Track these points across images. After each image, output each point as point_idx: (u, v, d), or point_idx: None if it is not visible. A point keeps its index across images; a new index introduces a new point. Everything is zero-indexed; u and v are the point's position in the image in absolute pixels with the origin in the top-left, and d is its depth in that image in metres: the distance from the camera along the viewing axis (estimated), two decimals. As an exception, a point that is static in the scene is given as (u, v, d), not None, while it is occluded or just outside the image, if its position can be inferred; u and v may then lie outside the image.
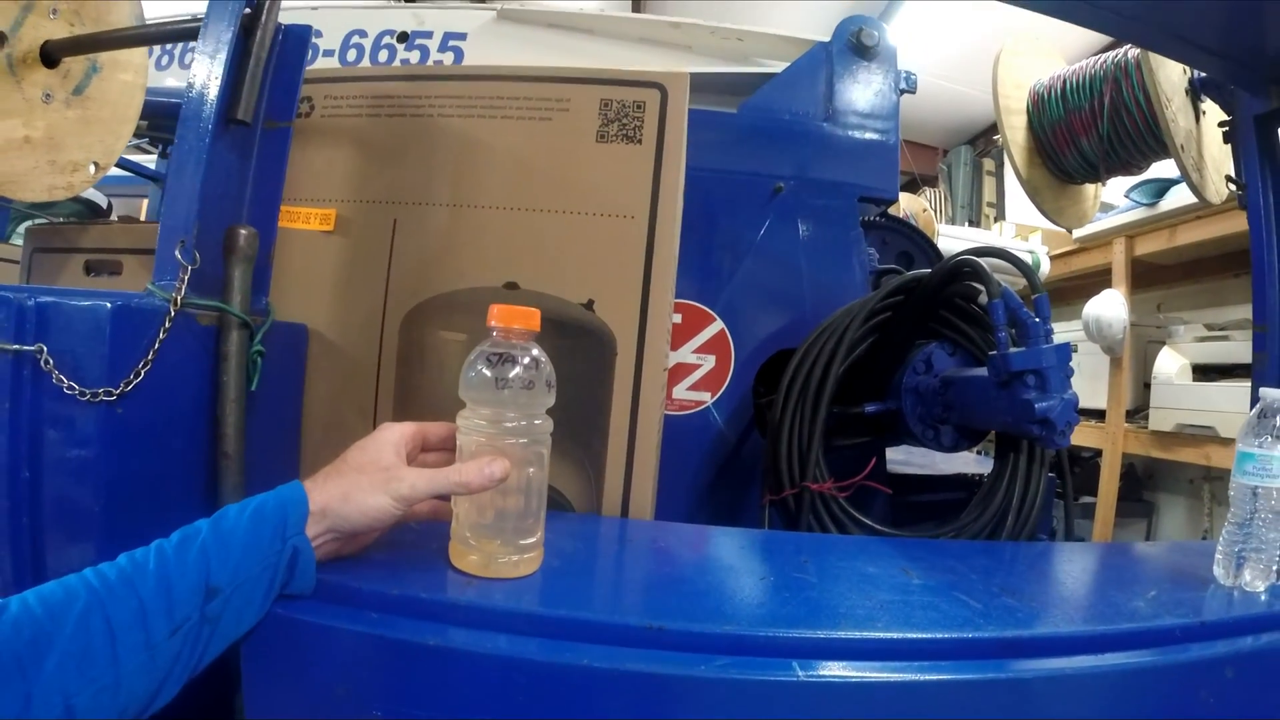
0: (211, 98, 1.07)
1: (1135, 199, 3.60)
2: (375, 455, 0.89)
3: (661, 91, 1.22)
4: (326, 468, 0.90)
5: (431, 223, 1.26)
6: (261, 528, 0.80)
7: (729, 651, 0.77)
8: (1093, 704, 0.85)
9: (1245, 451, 1.04)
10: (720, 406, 1.80)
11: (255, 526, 0.80)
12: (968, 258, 1.48)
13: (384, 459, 0.89)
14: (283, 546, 0.81)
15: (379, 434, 0.92)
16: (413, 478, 0.87)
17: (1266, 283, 1.92)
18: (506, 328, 0.86)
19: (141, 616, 0.72)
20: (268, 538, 0.80)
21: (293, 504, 0.83)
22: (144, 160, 2.74)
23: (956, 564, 1.09)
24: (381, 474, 0.87)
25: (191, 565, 0.76)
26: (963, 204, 7.44)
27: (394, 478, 0.86)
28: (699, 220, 1.78)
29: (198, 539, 0.78)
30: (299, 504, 0.83)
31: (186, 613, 0.75)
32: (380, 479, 0.86)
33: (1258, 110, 1.91)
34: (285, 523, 0.82)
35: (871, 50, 1.94)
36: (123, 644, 0.71)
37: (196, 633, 0.76)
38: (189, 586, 0.75)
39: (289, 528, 0.82)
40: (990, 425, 1.52)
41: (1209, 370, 3.33)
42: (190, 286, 1.02)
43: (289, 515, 0.82)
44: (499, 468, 0.86)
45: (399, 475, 0.87)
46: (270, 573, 0.80)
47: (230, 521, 0.80)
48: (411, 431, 0.93)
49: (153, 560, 0.76)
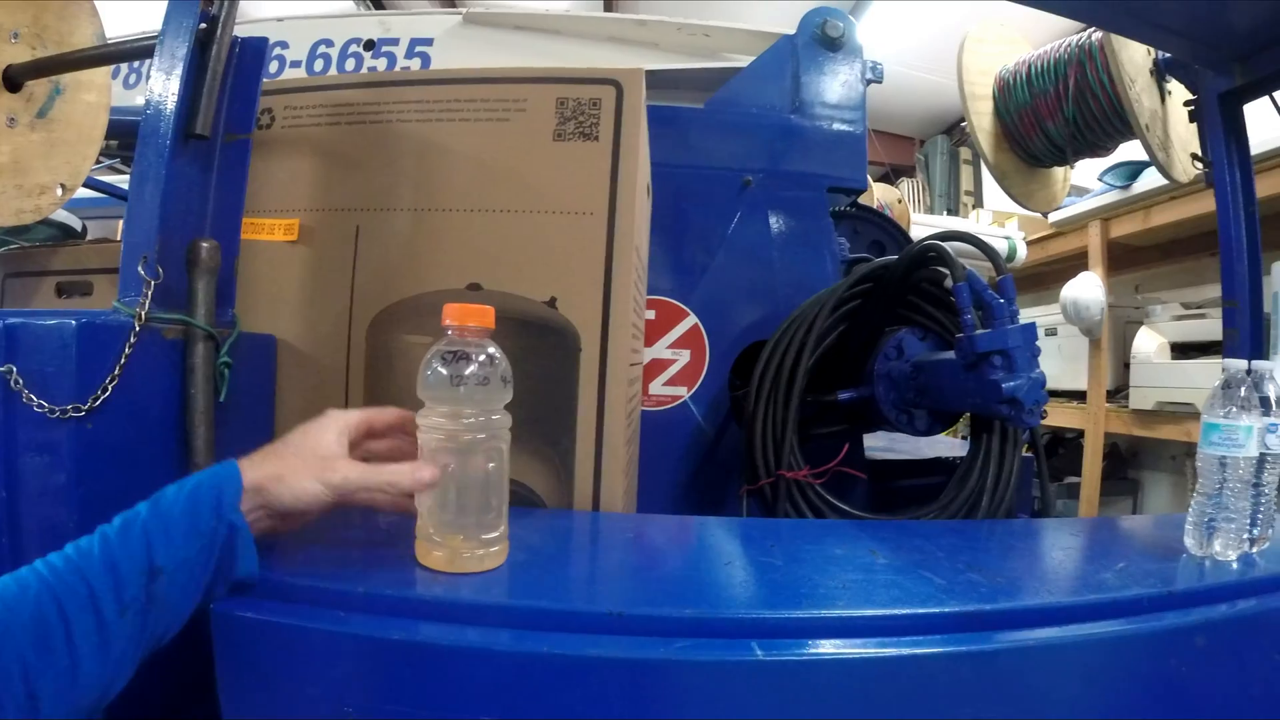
0: (169, 113, 1.07)
1: (1109, 182, 3.62)
2: (316, 441, 0.91)
3: (617, 88, 1.22)
4: (267, 447, 0.91)
5: (394, 228, 1.26)
6: (199, 506, 0.81)
7: (689, 634, 0.78)
8: (1059, 676, 0.85)
9: (1211, 423, 1.05)
10: (697, 400, 1.81)
11: (192, 505, 0.81)
12: (932, 243, 1.50)
13: (324, 445, 0.91)
14: (218, 523, 0.81)
15: (323, 420, 0.94)
16: (346, 470, 0.89)
17: (1235, 258, 1.94)
18: (461, 326, 0.86)
19: (92, 601, 0.73)
20: (205, 515, 0.81)
21: (227, 481, 0.84)
22: (118, 180, 2.74)
23: (925, 543, 1.09)
24: (318, 461, 0.88)
25: (134, 547, 0.77)
26: (941, 193, 7.43)
27: (329, 467, 0.88)
28: (670, 216, 1.80)
29: (138, 521, 0.78)
30: (233, 480, 0.84)
31: (133, 593, 0.75)
32: (316, 466, 0.88)
33: (1222, 88, 1.93)
34: (220, 500, 0.82)
35: (837, 41, 1.95)
36: (76, 629, 0.72)
37: (144, 613, 0.76)
38: (134, 568, 0.76)
39: (224, 505, 0.82)
40: (961, 407, 1.53)
41: (1187, 348, 3.34)
42: (155, 301, 1.02)
43: (224, 493, 0.83)
44: (428, 474, 0.87)
45: (334, 465, 0.89)
46: (209, 550, 0.81)
47: (168, 501, 0.81)
48: (356, 420, 0.95)
49: (97, 546, 0.76)
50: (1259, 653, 0.96)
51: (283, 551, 0.94)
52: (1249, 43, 1.81)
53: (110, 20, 1.60)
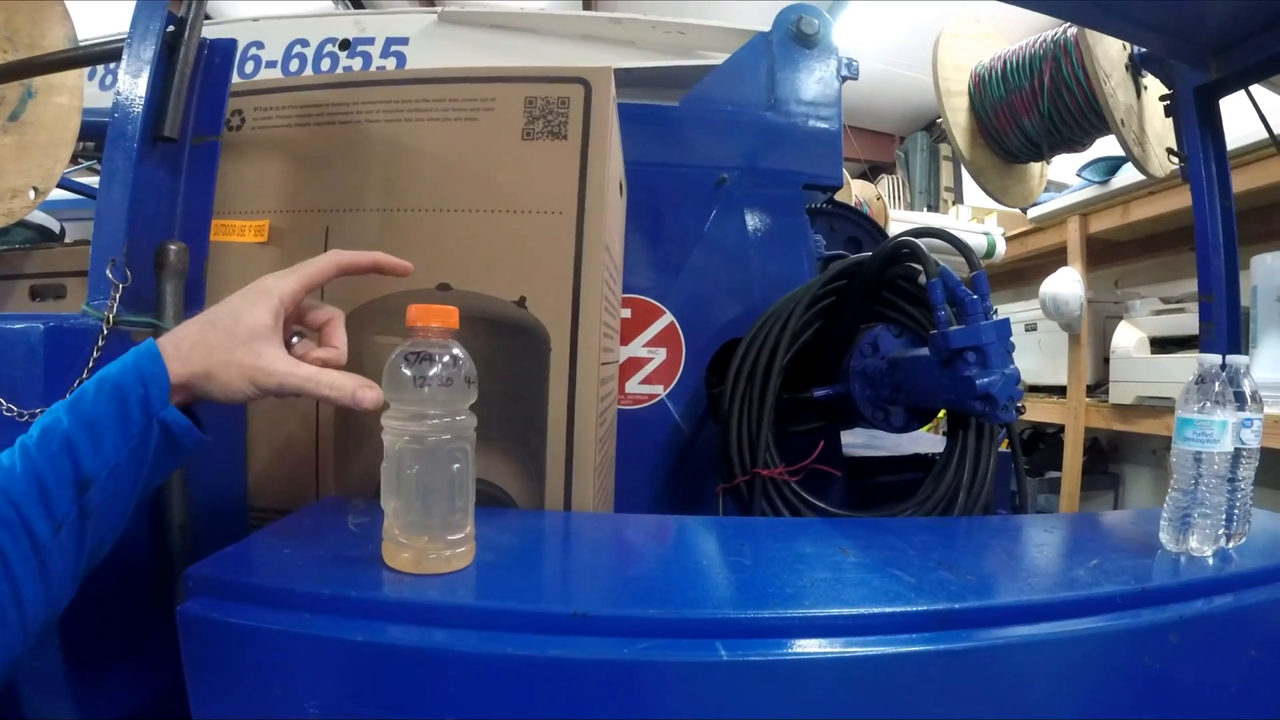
0: (136, 116, 1.07)
1: (1087, 178, 3.64)
2: (248, 322, 0.86)
3: (585, 86, 1.22)
4: (193, 323, 0.87)
5: (363, 229, 1.25)
6: (126, 407, 0.78)
7: (653, 634, 0.77)
8: (1030, 675, 0.85)
9: (1185, 418, 1.05)
10: (674, 399, 1.81)
11: (119, 406, 0.78)
12: (906, 239, 1.50)
13: (255, 328, 0.86)
14: (148, 422, 0.79)
15: (256, 293, 0.89)
16: (282, 374, 0.86)
17: (1211, 252, 1.95)
18: (425, 327, 0.86)
19: (22, 524, 0.71)
20: (134, 416, 0.78)
21: (153, 377, 0.80)
22: (95, 182, 2.72)
23: (896, 541, 1.09)
24: (249, 353, 0.85)
25: (59, 459, 0.74)
26: (921, 190, 7.47)
27: (262, 369, 0.85)
28: (645, 215, 1.80)
29: (59, 430, 0.75)
30: (159, 376, 0.80)
31: (65, 508, 0.73)
32: (248, 361, 0.84)
33: (1197, 83, 1.93)
34: (148, 398, 0.79)
35: (812, 38, 1.94)
36: (11, 555, 0.70)
37: (79, 526, 0.74)
38: (61, 481, 0.73)
39: (153, 402, 0.79)
40: (936, 404, 1.53)
41: (1166, 343, 3.35)
42: (123, 304, 1.02)
43: (151, 389, 0.79)
44: (371, 397, 0.87)
45: (268, 367, 0.86)
46: (141, 450, 0.79)
47: (89, 404, 0.77)
48: (291, 291, 0.90)
49: (19, 462, 0.73)
50: (1235, 649, 0.96)
51: (248, 551, 0.94)
52: (1224, 37, 1.82)
53: (84, 22, 1.59)
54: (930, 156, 7.56)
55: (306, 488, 1.25)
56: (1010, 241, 4.16)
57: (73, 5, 1.59)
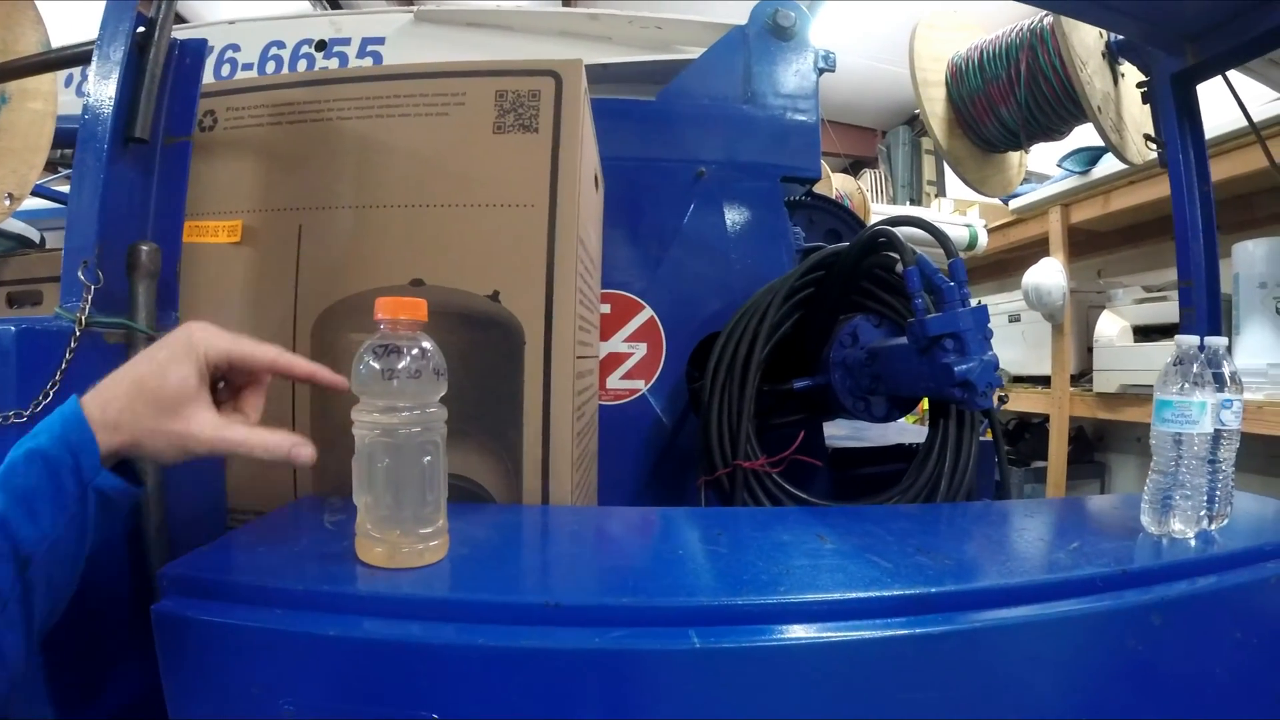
0: (106, 117, 1.06)
1: (1068, 168, 3.64)
2: (179, 385, 0.82)
3: (556, 79, 1.21)
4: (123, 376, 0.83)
5: (336, 226, 1.25)
6: (58, 480, 0.76)
7: (626, 623, 0.77)
8: (1008, 658, 0.85)
9: (1164, 399, 1.05)
10: (656, 393, 1.81)
11: (50, 480, 0.76)
12: (882, 228, 1.50)
13: (180, 390, 0.82)
14: (83, 492, 0.77)
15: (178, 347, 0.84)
16: (212, 440, 0.83)
17: (1190, 237, 1.95)
18: (393, 320, 0.86)
19: None
20: (68, 488, 0.76)
21: (81, 448, 0.77)
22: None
23: (875, 528, 1.09)
24: (180, 422, 0.82)
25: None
26: (904, 183, 7.49)
27: (191, 436, 0.82)
28: (623, 210, 1.80)
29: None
30: (88, 445, 0.78)
31: (7, 586, 0.72)
32: (177, 431, 0.82)
33: (1174, 69, 1.93)
34: (79, 467, 0.77)
35: (788, 31, 1.95)
36: None
37: (25, 600, 0.73)
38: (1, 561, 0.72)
39: (84, 470, 0.77)
40: (916, 392, 1.54)
41: (1149, 331, 3.36)
42: (96, 306, 1.01)
43: (81, 461, 0.77)
44: (307, 453, 0.86)
45: (197, 434, 0.83)
46: (79, 520, 0.77)
47: (20, 479, 0.75)
48: (216, 354, 0.86)
49: None
50: (1219, 630, 0.96)
51: (223, 549, 0.94)
52: (1200, 22, 1.81)
53: (57, 27, 1.58)
54: (912, 150, 7.58)
55: (284, 488, 1.24)
56: (992, 233, 4.16)
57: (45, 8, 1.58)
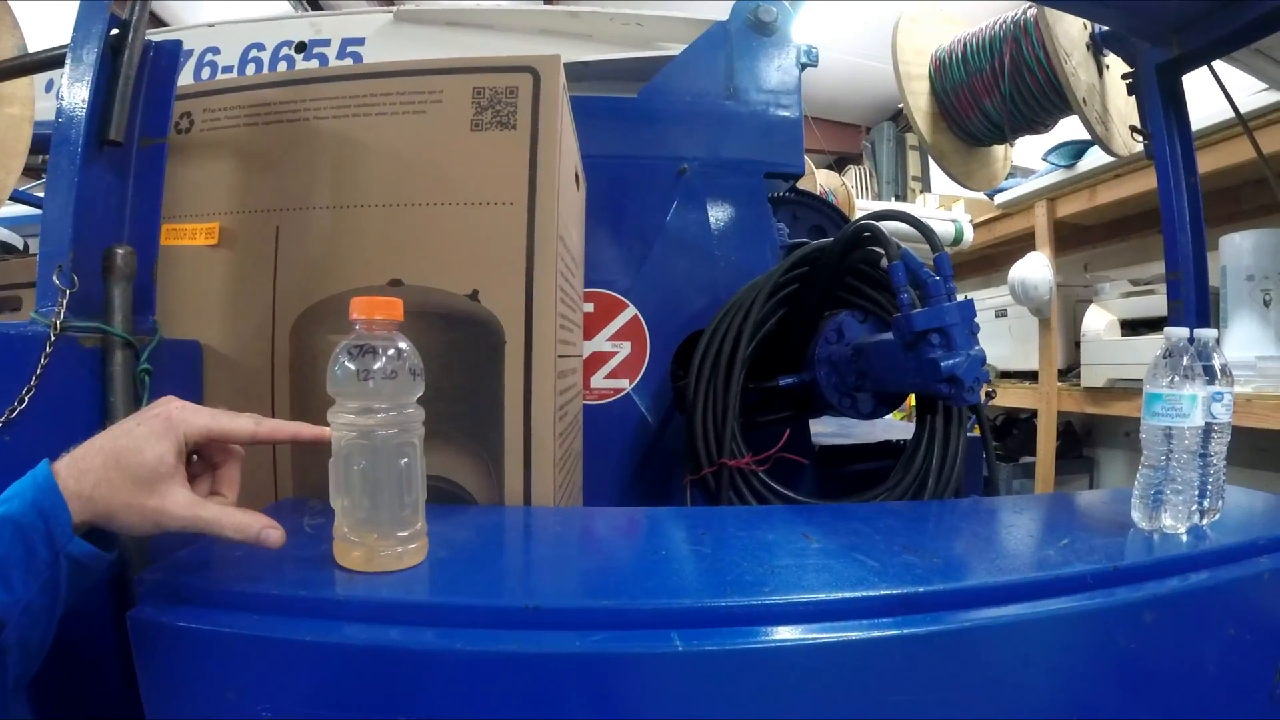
0: (80, 120, 1.05)
1: (1054, 162, 3.65)
2: (154, 462, 0.81)
3: (534, 75, 1.20)
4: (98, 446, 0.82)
5: (313, 227, 1.24)
6: (30, 546, 0.75)
7: (608, 626, 0.76)
8: (998, 656, 0.84)
9: (1153, 393, 1.05)
10: (640, 392, 1.80)
11: (22, 547, 0.75)
12: (866, 223, 1.49)
13: (156, 465, 0.81)
14: (55, 558, 0.77)
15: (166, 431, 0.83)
16: (186, 519, 0.82)
17: (1178, 229, 1.95)
18: (369, 320, 0.85)
19: None
20: (40, 555, 0.76)
21: (53, 515, 0.77)
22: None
23: (861, 526, 1.08)
24: (155, 498, 0.81)
25: None
26: (889, 179, 7.51)
27: (165, 513, 0.81)
28: (606, 208, 1.79)
29: None
30: (60, 512, 0.77)
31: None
32: (151, 508, 0.81)
33: (1159, 59, 1.93)
34: (51, 535, 0.76)
35: (770, 27, 1.94)
36: None
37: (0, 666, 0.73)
38: None
39: (57, 538, 0.77)
40: (902, 388, 1.53)
41: (1137, 325, 3.37)
42: (71, 310, 1.00)
43: (53, 529, 0.77)
44: (275, 536, 0.84)
45: (171, 511, 0.81)
46: (52, 585, 0.77)
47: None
48: (197, 431, 0.85)
49: None
50: (1211, 626, 0.95)
51: (199, 555, 0.93)
52: (1185, 13, 1.81)
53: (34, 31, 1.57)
54: (897, 146, 7.59)
55: (264, 491, 1.23)
56: (978, 228, 4.18)
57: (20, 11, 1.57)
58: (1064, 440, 4.17)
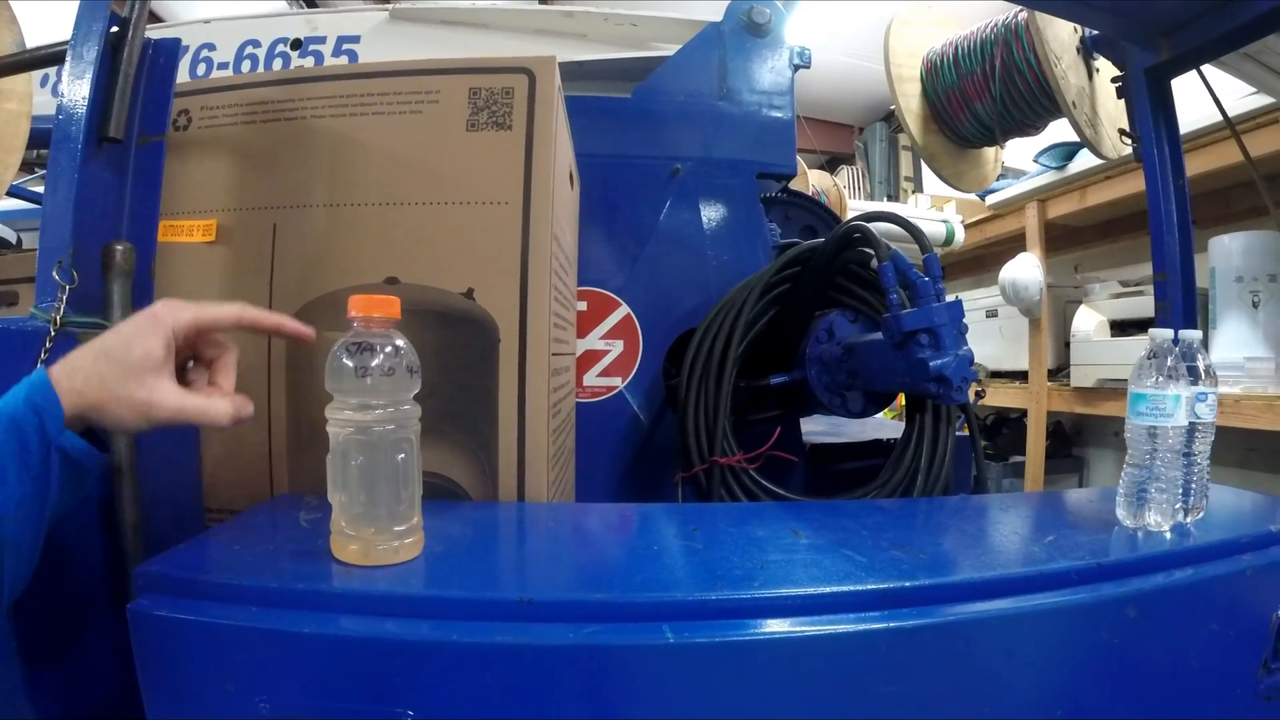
0: (80, 117, 1.06)
1: (1044, 163, 3.66)
2: (142, 355, 0.85)
3: (530, 76, 1.21)
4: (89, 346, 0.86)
5: (310, 225, 1.24)
6: (23, 440, 0.78)
7: (600, 619, 0.77)
8: (982, 651, 0.85)
9: (1138, 393, 1.06)
10: (633, 390, 1.81)
11: (15, 440, 0.78)
12: (857, 224, 1.50)
13: (145, 357, 0.85)
14: (47, 453, 0.79)
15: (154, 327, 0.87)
16: (173, 409, 0.86)
17: (1165, 231, 1.96)
18: (366, 317, 0.86)
19: None
20: (33, 449, 0.79)
21: (46, 409, 0.80)
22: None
23: (850, 522, 1.09)
24: (143, 390, 0.84)
25: None
26: (881, 179, 7.50)
27: (154, 404, 0.85)
28: (599, 207, 1.80)
29: None
30: (53, 407, 0.80)
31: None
32: (140, 399, 0.84)
33: (1148, 63, 1.94)
34: (44, 428, 0.79)
35: (763, 28, 1.95)
36: None
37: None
38: None
39: (49, 431, 0.80)
40: (892, 387, 1.54)
41: (1126, 325, 3.38)
42: (71, 306, 1.02)
43: (45, 422, 0.80)
44: (248, 410, 0.90)
45: (159, 402, 0.85)
46: (43, 481, 0.79)
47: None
48: (186, 323, 0.89)
49: None
50: (1195, 623, 0.96)
51: (199, 548, 0.93)
52: (1174, 17, 1.82)
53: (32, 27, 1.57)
54: (889, 146, 7.59)
55: (261, 486, 1.24)
56: (969, 229, 4.18)
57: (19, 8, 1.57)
58: (1054, 440, 4.18)
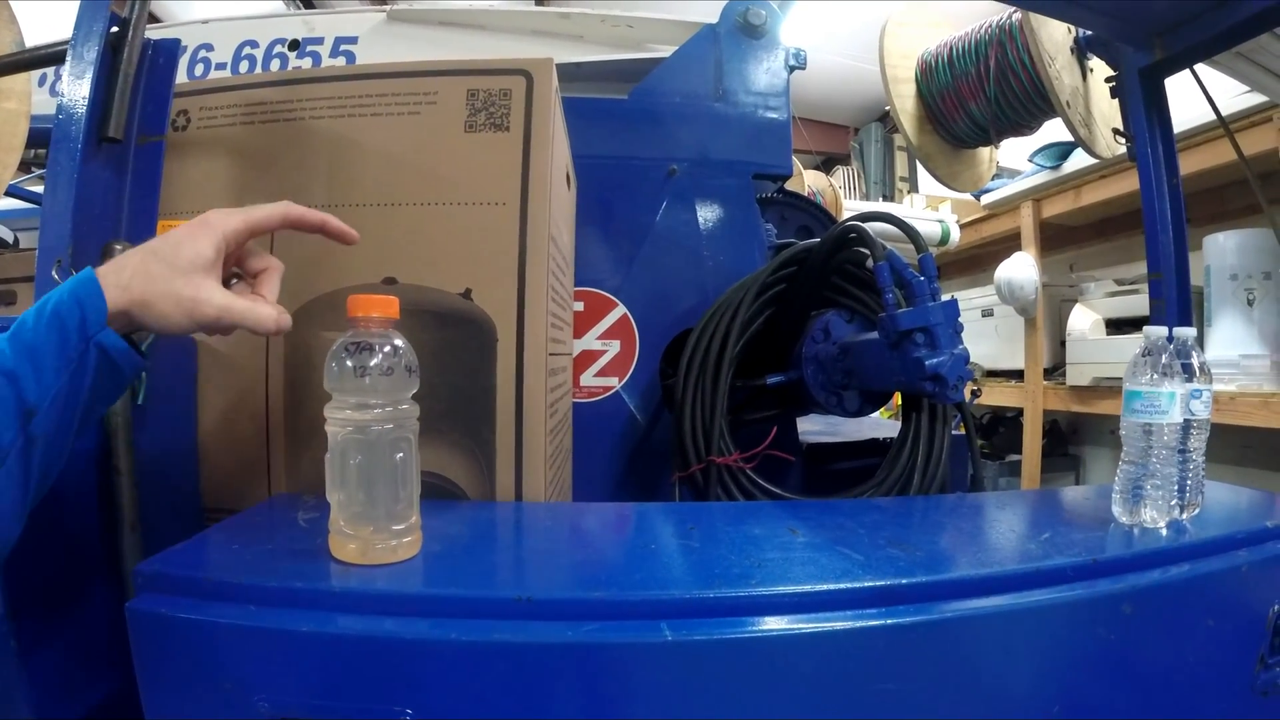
0: (80, 117, 1.07)
1: (1039, 163, 3.67)
2: (192, 255, 0.86)
3: (527, 78, 1.22)
4: (139, 248, 0.87)
5: (309, 225, 1.24)
6: (64, 333, 0.79)
7: (598, 617, 0.78)
8: (978, 648, 0.86)
9: (1133, 390, 1.07)
10: (630, 390, 1.81)
11: (57, 333, 0.78)
12: (853, 224, 1.51)
13: (196, 259, 0.86)
14: (86, 346, 0.80)
15: (204, 230, 0.88)
16: (219, 306, 0.87)
17: (1159, 230, 1.97)
18: (365, 317, 0.86)
19: None
20: (72, 341, 0.79)
21: (90, 300, 0.80)
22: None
23: (846, 521, 1.10)
24: (190, 287, 0.85)
25: (3, 390, 0.75)
26: (876, 180, 7.52)
27: (201, 300, 0.86)
28: (596, 208, 1.80)
29: (2, 363, 0.76)
30: (96, 299, 0.81)
31: (10, 438, 0.75)
32: (187, 296, 0.85)
33: (1142, 63, 1.95)
34: (85, 320, 0.80)
35: (759, 29, 1.95)
36: None
37: (25, 455, 0.76)
38: (6, 411, 0.75)
39: (89, 325, 0.80)
40: (888, 387, 1.54)
41: (1121, 324, 3.39)
42: (69, 305, 1.01)
43: (88, 312, 0.80)
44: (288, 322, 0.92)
45: (206, 299, 0.86)
46: (79, 376, 0.80)
47: (29, 333, 0.78)
48: (236, 228, 0.91)
49: None
50: (1191, 619, 0.97)
51: (198, 547, 0.93)
52: (1168, 17, 1.83)
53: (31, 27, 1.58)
54: (884, 147, 7.60)
55: (259, 486, 1.24)
56: (965, 228, 4.19)
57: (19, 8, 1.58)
58: (1050, 438, 4.19)
